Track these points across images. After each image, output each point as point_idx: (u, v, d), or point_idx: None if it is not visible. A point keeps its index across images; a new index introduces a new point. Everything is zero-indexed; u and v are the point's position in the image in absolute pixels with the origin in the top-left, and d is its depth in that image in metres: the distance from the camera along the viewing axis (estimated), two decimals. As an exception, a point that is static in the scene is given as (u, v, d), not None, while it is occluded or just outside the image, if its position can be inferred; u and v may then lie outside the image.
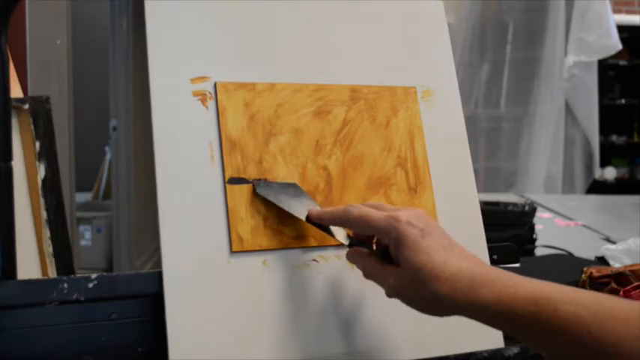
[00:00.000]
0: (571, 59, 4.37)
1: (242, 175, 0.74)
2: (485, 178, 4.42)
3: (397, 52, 0.87)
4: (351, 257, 0.71)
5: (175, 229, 0.70)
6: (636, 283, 1.08)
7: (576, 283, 1.40)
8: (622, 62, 5.13)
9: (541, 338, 0.57)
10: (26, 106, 0.94)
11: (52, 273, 0.92)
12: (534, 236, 1.90)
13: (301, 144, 0.78)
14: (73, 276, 0.68)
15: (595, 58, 4.40)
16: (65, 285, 0.65)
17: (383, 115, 0.83)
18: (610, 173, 5.24)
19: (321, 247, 0.76)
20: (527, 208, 1.90)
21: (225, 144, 0.74)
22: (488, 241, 0.84)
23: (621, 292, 1.07)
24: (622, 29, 4.51)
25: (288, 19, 0.82)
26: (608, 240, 2.14)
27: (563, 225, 2.46)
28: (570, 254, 1.85)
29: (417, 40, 0.89)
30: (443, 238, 0.64)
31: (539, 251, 1.91)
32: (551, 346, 0.57)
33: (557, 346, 0.56)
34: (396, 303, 0.65)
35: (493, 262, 0.84)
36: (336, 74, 0.82)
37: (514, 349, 0.77)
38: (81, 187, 3.52)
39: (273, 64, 0.79)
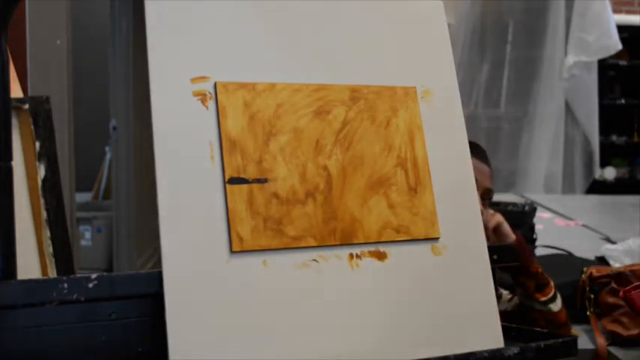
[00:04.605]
0: (571, 59, 4.37)
1: (242, 175, 0.74)
2: (485, 178, 4.41)
3: (397, 52, 0.87)
4: None
5: (175, 228, 0.70)
6: (636, 283, 1.09)
7: (576, 283, 1.40)
8: (622, 62, 5.13)
9: None
10: (26, 106, 0.94)
11: (52, 273, 0.92)
12: (534, 236, 1.90)
13: (301, 144, 0.78)
14: (73, 276, 0.68)
15: (595, 58, 4.40)
16: (65, 285, 0.65)
17: (383, 115, 0.83)
18: (610, 173, 5.24)
19: (321, 247, 0.75)
20: (527, 208, 1.91)
21: (225, 144, 0.74)
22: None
23: (621, 292, 1.07)
24: (622, 29, 4.51)
25: (288, 19, 0.82)
26: (608, 240, 2.14)
27: (563, 225, 2.46)
28: (570, 254, 1.86)
29: (417, 40, 0.89)
30: None
31: (539, 251, 1.91)
32: None
33: None
34: (395, 304, 0.65)
35: (493, 262, 0.84)
36: (336, 74, 0.82)
37: (514, 349, 0.77)
38: (81, 187, 3.51)
39: (273, 64, 0.79)
